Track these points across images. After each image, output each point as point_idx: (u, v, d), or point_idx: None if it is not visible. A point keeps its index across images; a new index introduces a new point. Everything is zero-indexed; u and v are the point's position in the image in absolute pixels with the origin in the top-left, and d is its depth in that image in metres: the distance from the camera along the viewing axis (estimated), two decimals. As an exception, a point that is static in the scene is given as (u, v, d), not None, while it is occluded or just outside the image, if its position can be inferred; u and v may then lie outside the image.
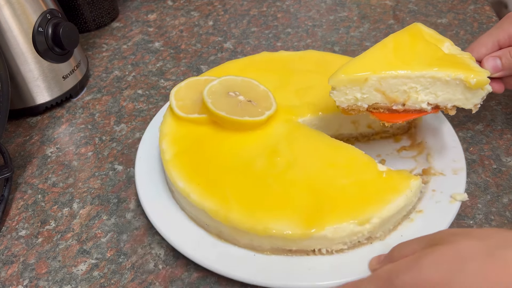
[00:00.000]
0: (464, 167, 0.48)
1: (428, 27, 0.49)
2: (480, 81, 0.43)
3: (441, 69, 0.44)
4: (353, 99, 0.47)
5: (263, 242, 0.43)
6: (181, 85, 0.55)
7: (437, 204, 0.45)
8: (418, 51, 0.46)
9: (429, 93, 0.45)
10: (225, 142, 0.50)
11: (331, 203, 0.42)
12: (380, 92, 0.46)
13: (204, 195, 0.45)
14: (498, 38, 0.49)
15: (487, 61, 0.49)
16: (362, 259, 0.42)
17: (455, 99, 0.45)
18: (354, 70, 0.45)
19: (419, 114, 0.47)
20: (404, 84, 0.45)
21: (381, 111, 0.47)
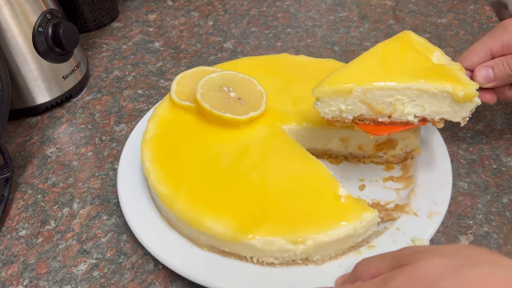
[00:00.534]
0: (442, 212, 0.44)
1: (418, 35, 0.48)
2: (468, 94, 0.42)
3: (428, 81, 0.43)
4: (338, 111, 0.45)
5: (199, 236, 0.44)
6: (187, 72, 0.56)
7: (393, 244, 0.43)
8: (406, 61, 0.45)
9: (416, 105, 0.44)
10: (204, 134, 0.51)
11: (272, 215, 0.42)
12: (365, 103, 0.44)
13: (161, 179, 0.46)
14: (491, 47, 0.48)
15: (479, 71, 0.48)
16: (290, 277, 0.41)
17: (443, 112, 0.44)
18: (338, 81, 0.44)
19: (405, 126, 0.45)
20: (390, 96, 0.44)
21: (366, 123, 0.46)
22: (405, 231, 0.43)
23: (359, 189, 0.50)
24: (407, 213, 0.45)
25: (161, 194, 0.45)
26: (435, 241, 0.46)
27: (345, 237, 0.41)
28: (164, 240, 0.45)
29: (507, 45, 0.47)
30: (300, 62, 0.61)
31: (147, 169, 0.48)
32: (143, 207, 0.48)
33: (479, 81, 0.47)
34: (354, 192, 0.47)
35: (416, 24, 0.80)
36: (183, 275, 0.42)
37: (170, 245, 0.44)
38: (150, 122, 0.53)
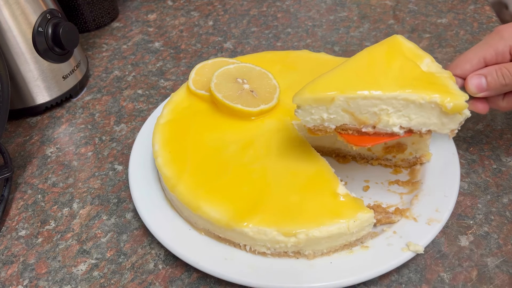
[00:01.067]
0: (443, 220, 0.44)
1: (408, 40, 0.46)
2: (457, 105, 0.39)
3: (416, 90, 0.40)
4: (320, 119, 0.43)
5: (197, 220, 0.45)
6: (207, 62, 0.58)
7: (387, 247, 0.42)
8: (393, 68, 0.42)
9: (401, 116, 0.41)
10: (215, 123, 0.52)
11: (268, 205, 0.43)
12: (348, 113, 0.42)
13: (168, 162, 0.48)
14: (485, 54, 0.45)
15: (471, 79, 0.45)
16: (279, 268, 0.42)
17: (430, 124, 0.41)
18: (320, 89, 0.42)
19: (390, 137, 0.43)
20: (374, 106, 0.41)
21: (350, 132, 0.43)
22: (401, 235, 0.43)
23: (363, 190, 0.50)
24: (406, 217, 0.45)
25: (165, 176, 0.47)
26: (435, 241, 0.46)
27: (337, 234, 0.41)
28: (164, 220, 0.47)
29: (502, 53, 0.44)
30: (320, 59, 0.61)
31: (156, 152, 0.50)
32: (150, 187, 0.51)
33: (470, 90, 0.45)
34: (357, 192, 0.47)
35: (416, 24, 0.80)
36: (175, 253, 0.44)
37: (168, 225, 0.46)
38: (166, 108, 0.55)
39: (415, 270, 0.44)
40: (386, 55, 0.44)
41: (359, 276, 0.40)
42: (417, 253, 0.42)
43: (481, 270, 0.43)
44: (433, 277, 0.43)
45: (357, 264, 0.42)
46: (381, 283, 0.43)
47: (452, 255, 0.45)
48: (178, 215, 0.48)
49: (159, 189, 0.51)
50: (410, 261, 0.44)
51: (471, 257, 0.44)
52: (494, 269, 0.43)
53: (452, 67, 0.47)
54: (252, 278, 0.41)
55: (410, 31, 0.78)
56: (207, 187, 0.45)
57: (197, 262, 0.42)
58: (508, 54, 0.44)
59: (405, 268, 0.44)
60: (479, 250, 0.45)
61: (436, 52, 0.73)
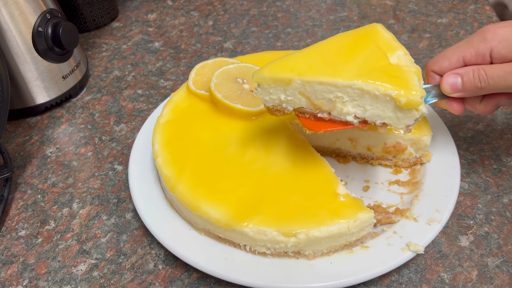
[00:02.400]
0: (443, 220, 0.44)
1: (387, 31, 0.44)
2: (411, 101, 0.38)
3: (373, 81, 0.39)
4: (277, 100, 0.43)
5: (197, 220, 0.45)
6: (207, 62, 0.58)
7: (387, 247, 0.42)
8: (359, 56, 0.41)
9: (356, 105, 0.40)
10: (215, 123, 0.52)
11: (268, 206, 0.43)
12: (305, 96, 0.42)
13: (168, 162, 0.48)
14: (464, 53, 0.43)
15: (447, 77, 0.43)
16: (279, 269, 0.42)
17: (385, 116, 0.40)
18: (279, 69, 0.42)
19: (344, 126, 0.42)
20: (330, 92, 0.40)
21: (306, 116, 0.43)
22: (401, 235, 0.43)
23: (363, 190, 0.50)
24: (407, 217, 0.45)
25: (165, 176, 0.47)
26: (435, 241, 0.46)
27: (337, 234, 0.41)
28: (164, 220, 0.47)
29: (482, 54, 0.42)
30: None
31: (156, 152, 0.50)
32: (150, 187, 0.51)
33: (445, 89, 0.44)
34: (357, 192, 0.47)
35: (416, 24, 0.80)
36: (174, 253, 0.43)
37: (168, 225, 0.46)
38: (166, 108, 0.55)
39: (415, 270, 0.44)
40: (356, 42, 0.43)
41: (359, 276, 0.40)
42: (417, 253, 0.41)
43: (481, 270, 0.43)
44: (433, 277, 0.43)
45: (357, 264, 0.42)
46: (381, 283, 0.43)
47: (452, 255, 0.45)
48: (178, 215, 0.48)
49: (159, 189, 0.51)
50: (410, 261, 0.44)
51: (471, 257, 0.44)
52: (494, 269, 0.43)
53: (431, 63, 0.46)
54: (252, 278, 0.41)
55: (410, 31, 0.78)
56: (207, 187, 0.45)
57: (197, 262, 0.42)
58: (488, 56, 0.42)
59: (405, 268, 0.44)
60: (479, 250, 0.45)
61: (436, 52, 0.72)
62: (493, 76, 0.41)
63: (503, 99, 0.44)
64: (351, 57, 0.41)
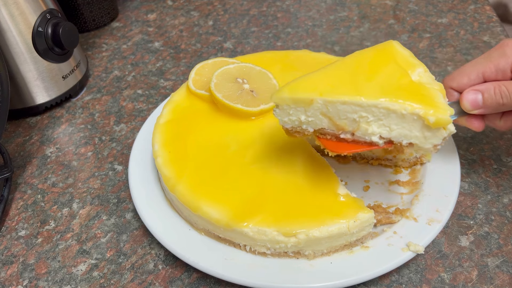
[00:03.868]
0: (443, 220, 0.44)
1: (404, 48, 0.43)
2: (440, 120, 0.37)
3: (399, 100, 0.38)
4: (297, 121, 0.41)
5: (197, 220, 0.45)
6: (207, 62, 0.58)
7: (387, 247, 0.42)
8: (380, 75, 0.40)
9: (382, 125, 0.39)
10: (215, 123, 0.52)
11: (268, 206, 0.43)
12: (326, 117, 0.40)
13: (167, 162, 0.48)
14: (484, 69, 0.42)
15: (467, 94, 0.42)
16: (279, 269, 0.42)
17: (412, 136, 0.39)
18: (300, 89, 0.40)
19: (369, 147, 0.40)
20: (354, 112, 0.39)
21: (328, 137, 0.42)
22: (401, 235, 0.43)
23: (363, 190, 0.50)
24: (407, 217, 0.45)
25: (165, 176, 0.47)
26: (435, 241, 0.46)
27: (337, 234, 0.41)
28: (163, 220, 0.47)
29: (502, 70, 0.42)
30: (320, 59, 0.61)
31: (156, 152, 0.50)
32: (150, 187, 0.51)
33: (465, 106, 0.43)
34: (357, 192, 0.47)
35: (416, 24, 0.80)
36: (174, 253, 0.44)
37: (168, 225, 0.46)
38: (166, 108, 0.55)
39: (416, 270, 0.44)
40: (375, 60, 0.42)
41: (359, 276, 0.40)
42: (417, 253, 0.41)
43: (482, 270, 0.43)
44: (433, 277, 0.43)
45: (357, 264, 0.41)
46: (381, 283, 0.43)
47: (453, 255, 0.45)
48: (178, 215, 0.48)
49: (159, 189, 0.51)
50: (410, 261, 0.44)
51: (471, 257, 0.44)
52: (495, 269, 0.43)
53: (448, 80, 0.44)
54: (252, 279, 0.41)
55: (411, 31, 0.78)
56: (207, 187, 0.45)
57: (197, 262, 0.42)
58: (509, 71, 0.41)
59: (406, 268, 0.44)
60: (480, 250, 0.45)
61: (436, 52, 0.72)
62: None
63: None
64: (373, 75, 0.40)
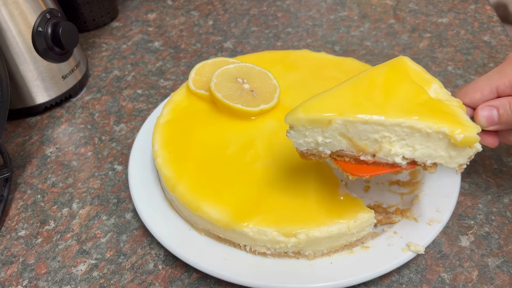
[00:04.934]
0: (444, 220, 0.43)
1: (415, 63, 0.42)
2: (468, 138, 0.35)
3: (422, 118, 0.36)
4: (314, 143, 0.39)
5: (197, 220, 0.45)
6: (207, 61, 0.58)
7: (387, 247, 0.42)
8: (397, 92, 0.38)
9: (405, 145, 0.37)
10: (215, 123, 0.52)
11: (269, 206, 0.43)
12: (346, 138, 0.38)
13: (167, 162, 0.48)
14: (498, 84, 0.41)
15: (482, 110, 0.41)
16: (279, 269, 0.42)
17: (437, 156, 0.37)
18: (316, 109, 0.38)
19: (391, 169, 0.38)
20: (375, 132, 0.37)
21: (346, 160, 0.39)
22: (402, 235, 0.43)
23: (363, 190, 0.50)
24: (407, 217, 0.45)
25: (165, 176, 0.47)
26: (435, 241, 0.46)
27: (337, 234, 0.41)
28: (163, 220, 0.47)
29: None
30: (321, 59, 0.60)
31: (156, 152, 0.49)
32: (150, 187, 0.51)
33: (480, 122, 0.41)
34: (357, 192, 0.47)
35: (416, 24, 0.80)
36: (174, 253, 0.43)
37: (168, 225, 0.46)
38: (166, 108, 0.55)
39: (416, 271, 0.44)
40: (389, 77, 0.40)
41: (360, 277, 0.40)
42: (417, 253, 0.41)
43: (482, 270, 0.43)
44: (433, 278, 0.43)
45: (357, 264, 0.41)
46: (381, 284, 0.43)
47: (453, 255, 0.45)
48: (178, 215, 0.48)
49: (159, 189, 0.51)
50: (410, 261, 0.44)
51: (471, 258, 0.44)
52: (495, 269, 0.43)
53: (461, 95, 0.43)
54: (252, 279, 0.40)
55: (411, 30, 0.78)
56: (207, 187, 0.45)
57: (197, 262, 0.42)
58: None
59: (406, 269, 0.44)
60: (480, 251, 0.45)
61: (436, 52, 0.72)
62: None
63: None
64: (389, 93, 0.38)
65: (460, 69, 0.69)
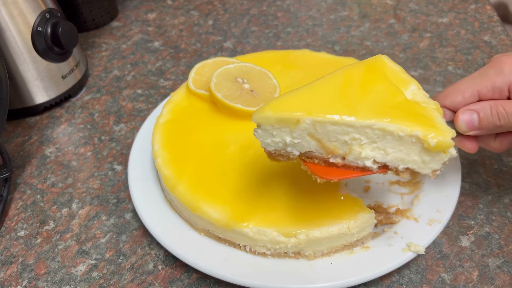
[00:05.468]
0: (444, 221, 0.43)
1: (394, 62, 0.40)
2: (442, 142, 0.34)
3: (395, 120, 0.34)
4: (282, 143, 0.37)
5: (197, 221, 0.45)
6: (207, 61, 0.58)
7: (388, 247, 0.42)
8: (372, 93, 0.37)
9: (376, 148, 0.36)
10: (215, 123, 0.52)
11: (268, 206, 0.43)
12: (315, 139, 0.36)
13: (167, 162, 0.48)
14: (480, 87, 0.40)
15: (462, 114, 0.40)
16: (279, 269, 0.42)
17: (409, 161, 0.36)
18: (285, 107, 0.36)
19: (362, 173, 0.37)
20: (345, 134, 0.35)
21: (315, 161, 0.38)
22: (402, 235, 0.43)
23: (364, 190, 0.50)
24: (407, 218, 0.45)
25: (165, 176, 0.47)
26: (436, 241, 0.46)
27: (338, 235, 0.41)
28: (163, 220, 0.47)
29: (499, 89, 0.39)
30: (321, 59, 0.60)
31: (155, 152, 0.49)
32: (149, 188, 0.51)
33: (460, 126, 0.40)
34: (358, 193, 0.47)
35: (417, 24, 0.80)
36: (174, 253, 0.43)
37: (168, 225, 0.46)
38: (165, 108, 0.55)
39: (416, 271, 0.44)
40: (366, 76, 0.38)
41: (360, 277, 0.40)
42: (418, 253, 0.41)
43: (482, 270, 0.43)
44: (434, 278, 0.43)
45: (357, 264, 0.41)
46: (381, 284, 0.43)
47: (453, 255, 0.44)
48: (177, 216, 0.47)
49: (158, 189, 0.50)
50: (411, 261, 0.44)
51: (472, 258, 0.44)
52: (495, 269, 0.43)
53: (441, 97, 0.42)
54: (252, 279, 0.40)
55: (411, 30, 0.78)
56: (207, 187, 0.45)
57: (197, 263, 0.42)
58: (506, 90, 0.39)
59: (406, 269, 0.44)
60: (480, 251, 0.45)
61: (437, 52, 0.72)
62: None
63: None
64: (364, 93, 0.37)
65: (460, 69, 0.68)
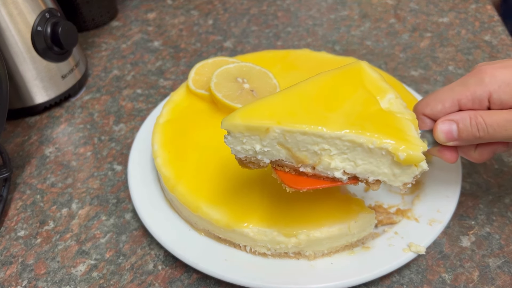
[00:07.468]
0: (445, 221, 0.43)
1: (374, 69, 0.39)
2: (412, 156, 0.33)
3: (365, 132, 0.34)
4: (252, 151, 0.37)
5: (197, 221, 0.45)
6: (207, 61, 0.58)
7: (388, 247, 0.42)
8: (346, 101, 0.36)
9: (346, 159, 0.35)
10: (215, 123, 0.51)
11: (269, 206, 0.43)
12: (285, 148, 0.36)
13: (167, 162, 0.48)
14: (460, 97, 0.38)
15: (441, 125, 0.39)
16: (279, 269, 0.42)
17: (379, 173, 0.35)
18: (255, 115, 0.36)
19: (331, 183, 0.37)
20: (315, 144, 0.35)
21: (286, 170, 0.38)
22: (402, 235, 0.43)
23: (364, 190, 0.50)
24: (408, 218, 0.45)
25: (165, 176, 0.47)
26: (436, 242, 0.46)
27: (338, 235, 0.41)
28: (163, 220, 0.47)
29: (479, 99, 0.38)
30: (321, 58, 0.60)
31: (155, 152, 0.49)
32: (149, 188, 0.50)
33: (439, 137, 0.39)
34: (358, 193, 0.47)
35: (417, 23, 0.80)
36: (174, 253, 0.43)
37: (168, 225, 0.46)
38: (165, 107, 0.55)
39: (417, 271, 0.43)
40: (341, 83, 0.38)
41: (360, 277, 0.40)
42: (418, 253, 0.41)
43: (483, 270, 0.43)
44: (434, 278, 0.43)
45: (358, 265, 0.41)
46: (382, 284, 0.43)
47: (454, 255, 0.44)
48: (177, 216, 0.47)
49: (158, 189, 0.50)
50: (411, 261, 0.44)
51: (472, 258, 0.44)
52: (496, 269, 0.43)
53: (421, 106, 0.41)
54: (252, 279, 0.40)
55: (411, 30, 0.78)
56: (207, 187, 0.45)
57: (197, 263, 0.42)
58: (486, 101, 0.38)
59: (406, 269, 0.44)
60: (481, 251, 0.45)
61: (437, 52, 0.72)
62: (493, 125, 0.37)
63: (500, 147, 0.40)
64: (338, 102, 0.36)
65: (461, 68, 0.68)
